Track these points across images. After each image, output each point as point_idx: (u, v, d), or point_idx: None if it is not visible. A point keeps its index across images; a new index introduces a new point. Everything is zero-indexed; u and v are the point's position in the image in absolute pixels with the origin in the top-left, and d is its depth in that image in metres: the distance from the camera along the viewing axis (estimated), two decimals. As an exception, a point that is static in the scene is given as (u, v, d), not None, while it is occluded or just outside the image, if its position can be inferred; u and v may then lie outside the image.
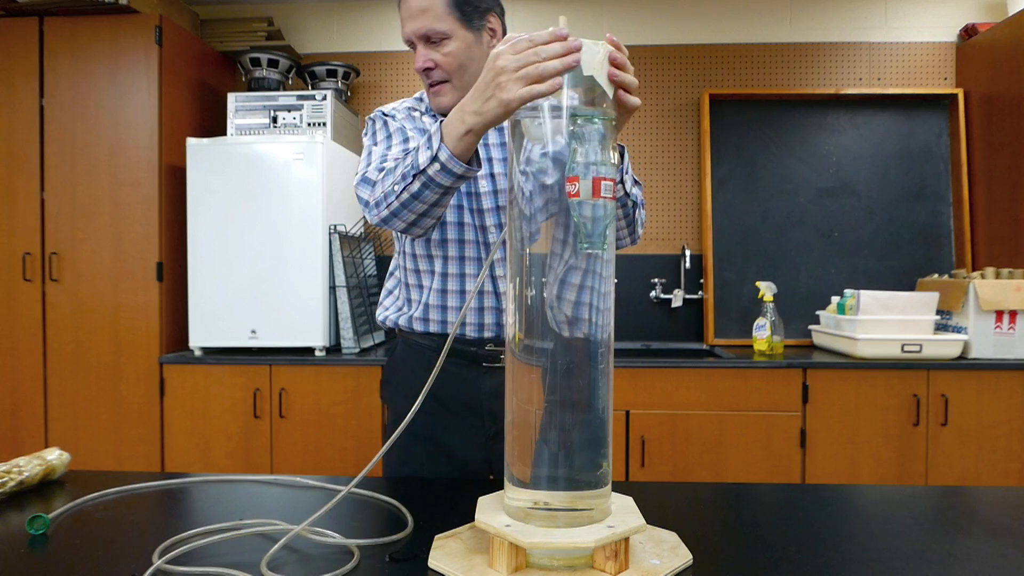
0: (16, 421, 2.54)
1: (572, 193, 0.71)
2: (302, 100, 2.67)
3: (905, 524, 0.90)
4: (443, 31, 1.16)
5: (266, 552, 0.77)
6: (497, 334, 1.23)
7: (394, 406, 1.32)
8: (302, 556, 0.80)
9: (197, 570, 0.73)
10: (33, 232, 2.53)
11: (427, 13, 1.15)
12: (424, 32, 1.16)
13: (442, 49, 1.18)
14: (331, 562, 0.77)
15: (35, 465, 1.03)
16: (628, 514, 0.77)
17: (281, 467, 2.44)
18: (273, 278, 2.50)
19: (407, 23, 1.18)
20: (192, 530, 0.85)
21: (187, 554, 0.79)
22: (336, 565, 0.75)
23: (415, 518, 0.90)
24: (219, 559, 0.78)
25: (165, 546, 0.80)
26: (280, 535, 0.83)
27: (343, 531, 0.86)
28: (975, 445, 2.31)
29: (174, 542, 0.82)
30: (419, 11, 1.16)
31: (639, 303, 3.01)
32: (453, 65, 1.18)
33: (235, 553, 0.80)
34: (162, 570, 0.74)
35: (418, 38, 1.18)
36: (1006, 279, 2.41)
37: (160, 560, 0.75)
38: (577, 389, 0.75)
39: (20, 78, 2.51)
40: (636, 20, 3.05)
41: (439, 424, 1.24)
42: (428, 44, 1.18)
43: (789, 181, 2.95)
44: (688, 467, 2.35)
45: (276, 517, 0.91)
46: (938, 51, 2.98)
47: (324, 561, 0.78)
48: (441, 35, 1.17)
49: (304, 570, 0.75)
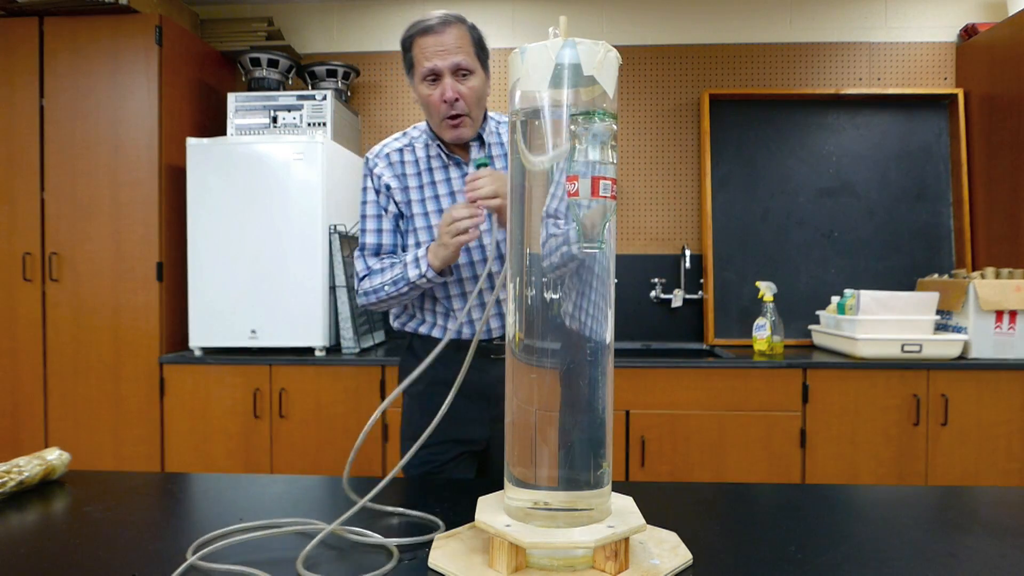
0: (16, 421, 2.54)
1: (571, 192, 0.72)
2: (302, 100, 2.67)
3: (905, 524, 0.90)
4: (470, 67, 1.34)
5: (301, 550, 0.78)
6: (503, 333, 1.34)
7: (410, 391, 1.51)
8: (339, 555, 0.80)
9: (233, 568, 0.73)
10: (33, 232, 2.53)
11: (460, 50, 1.33)
12: (456, 65, 1.33)
13: (467, 83, 1.35)
14: (370, 561, 0.77)
15: (35, 465, 1.03)
16: (628, 514, 0.77)
17: (281, 467, 2.44)
18: (273, 278, 2.50)
19: (439, 56, 1.32)
20: (227, 527, 0.86)
21: (221, 551, 0.79)
22: (375, 565, 0.76)
23: (443, 519, 0.90)
24: (254, 556, 0.78)
25: (199, 543, 0.81)
26: (315, 534, 0.83)
27: (379, 532, 0.86)
28: (975, 445, 2.31)
29: (208, 539, 0.83)
30: (455, 47, 1.32)
31: (639, 303, 3.01)
32: (473, 98, 1.36)
33: (270, 550, 0.80)
34: (195, 566, 0.74)
35: (449, 71, 1.33)
36: (1006, 279, 2.40)
37: (193, 556, 0.76)
38: (577, 389, 0.75)
39: (20, 78, 2.51)
40: (636, 20, 3.05)
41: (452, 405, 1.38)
42: (455, 77, 1.34)
43: (789, 181, 2.95)
44: (688, 467, 2.35)
45: (311, 516, 0.91)
46: (938, 51, 2.98)
47: (363, 560, 0.78)
48: (467, 70, 1.34)
49: (342, 569, 0.76)
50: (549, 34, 0.77)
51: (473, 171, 1.29)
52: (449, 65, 1.32)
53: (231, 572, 0.73)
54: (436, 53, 1.32)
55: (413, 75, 1.39)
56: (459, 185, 1.44)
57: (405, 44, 1.38)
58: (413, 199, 1.45)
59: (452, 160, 1.44)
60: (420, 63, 1.34)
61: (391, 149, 1.47)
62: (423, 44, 1.33)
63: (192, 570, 0.74)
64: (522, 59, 0.75)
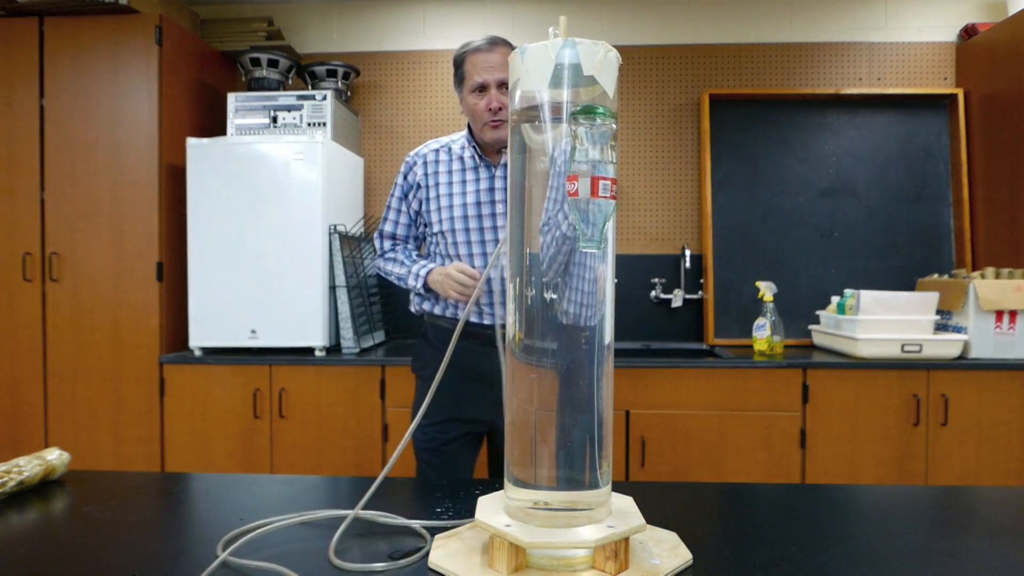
0: (16, 421, 2.54)
1: (571, 192, 0.72)
2: (302, 100, 2.67)
3: (905, 524, 0.90)
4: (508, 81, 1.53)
5: (330, 540, 0.79)
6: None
7: (423, 374, 1.72)
8: (368, 541, 0.82)
9: (263, 564, 0.74)
10: (33, 232, 2.53)
11: (504, 66, 1.54)
12: (502, 79, 1.56)
13: (505, 95, 1.56)
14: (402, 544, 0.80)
15: (35, 465, 1.03)
16: (628, 514, 0.77)
17: (281, 467, 2.44)
18: (273, 278, 2.49)
19: (491, 72, 1.56)
20: (255, 522, 0.87)
21: (251, 546, 0.80)
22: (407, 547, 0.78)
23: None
24: (283, 548, 0.80)
25: (228, 538, 0.82)
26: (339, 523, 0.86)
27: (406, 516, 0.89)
28: (975, 445, 2.31)
29: (237, 534, 0.83)
30: (500, 64, 1.56)
31: (639, 303, 3.01)
32: None
33: (298, 541, 0.82)
34: (226, 562, 0.75)
35: (496, 84, 1.57)
36: (1006, 279, 2.40)
37: (224, 553, 0.76)
38: (577, 389, 0.75)
39: (20, 78, 2.51)
40: (636, 20, 3.05)
41: (458, 387, 1.61)
42: (501, 89, 1.57)
43: (789, 181, 2.95)
44: (688, 467, 2.35)
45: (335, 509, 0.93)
46: (938, 51, 2.98)
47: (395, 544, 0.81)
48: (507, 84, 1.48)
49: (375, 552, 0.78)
50: (549, 34, 0.77)
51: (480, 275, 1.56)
52: (496, 79, 1.56)
53: (260, 569, 0.74)
54: (486, 69, 1.56)
55: (463, 87, 1.62)
56: (486, 184, 1.64)
57: (458, 60, 1.62)
58: (442, 193, 1.66)
59: (483, 162, 1.65)
60: (471, 77, 1.58)
61: (429, 150, 1.71)
62: (475, 61, 1.57)
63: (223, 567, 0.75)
64: (522, 59, 0.75)
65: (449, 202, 1.65)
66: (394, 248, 1.76)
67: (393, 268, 1.72)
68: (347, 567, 0.75)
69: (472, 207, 1.62)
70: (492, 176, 1.63)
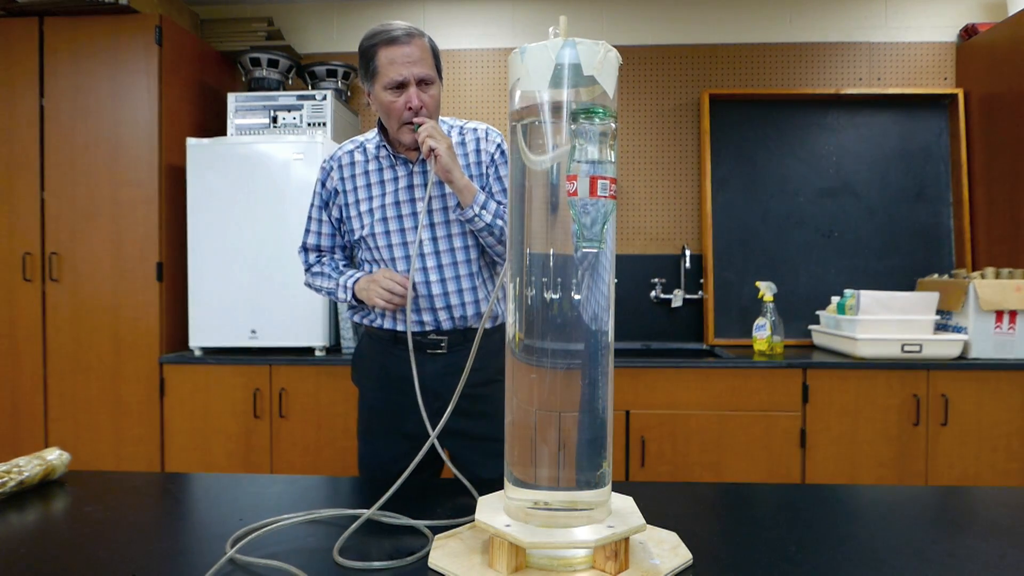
0: (16, 421, 2.54)
1: (571, 192, 0.72)
2: (302, 100, 2.67)
3: (905, 524, 0.90)
4: (432, 77, 1.44)
5: (334, 540, 0.80)
6: (436, 326, 1.50)
7: (362, 386, 1.61)
8: (374, 541, 0.82)
9: (271, 563, 0.74)
10: (33, 232, 2.53)
11: (423, 61, 1.42)
12: (422, 76, 1.41)
13: (429, 92, 1.44)
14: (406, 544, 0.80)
15: (35, 465, 1.03)
16: (628, 514, 0.77)
17: (281, 467, 2.44)
18: (273, 278, 2.49)
19: (406, 67, 1.40)
20: (262, 520, 0.87)
21: (259, 544, 0.80)
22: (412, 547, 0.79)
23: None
24: (291, 546, 0.80)
25: (236, 535, 0.82)
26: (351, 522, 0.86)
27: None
28: (975, 445, 2.31)
29: (245, 531, 0.84)
30: (419, 59, 1.41)
31: (639, 303, 3.01)
32: (433, 106, 1.45)
33: (304, 539, 0.83)
34: (233, 559, 0.75)
35: (416, 80, 1.41)
36: (1006, 279, 2.40)
37: (232, 550, 0.77)
38: (577, 389, 0.75)
39: (20, 78, 2.51)
40: (636, 20, 3.05)
41: (394, 401, 1.53)
42: (420, 86, 1.42)
43: (789, 181, 2.95)
44: (688, 467, 2.35)
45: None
46: (938, 51, 2.98)
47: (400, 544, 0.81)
48: (431, 80, 1.44)
49: (379, 553, 0.78)
50: (549, 34, 0.77)
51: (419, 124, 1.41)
52: (415, 74, 1.41)
53: (268, 567, 0.74)
54: (404, 64, 1.40)
55: (374, 82, 1.44)
56: (404, 182, 1.51)
57: (368, 51, 1.43)
58: (361, 197, 1.54)
59: (399, 159, 1.52)
60: (386, 72, 1.41)
61: (344, 152, 1.58)
62: (390, 54, 1.40)
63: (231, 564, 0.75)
64: (522, 59, 0.75)
65: (369, 205, 1.53)
66: (319, 260, 1.62)
67: (322, 283, 1.59)
68: (350, 565, 0.75)
69: (392, 207, 1.50)
70: (410, 172, 1.51)
